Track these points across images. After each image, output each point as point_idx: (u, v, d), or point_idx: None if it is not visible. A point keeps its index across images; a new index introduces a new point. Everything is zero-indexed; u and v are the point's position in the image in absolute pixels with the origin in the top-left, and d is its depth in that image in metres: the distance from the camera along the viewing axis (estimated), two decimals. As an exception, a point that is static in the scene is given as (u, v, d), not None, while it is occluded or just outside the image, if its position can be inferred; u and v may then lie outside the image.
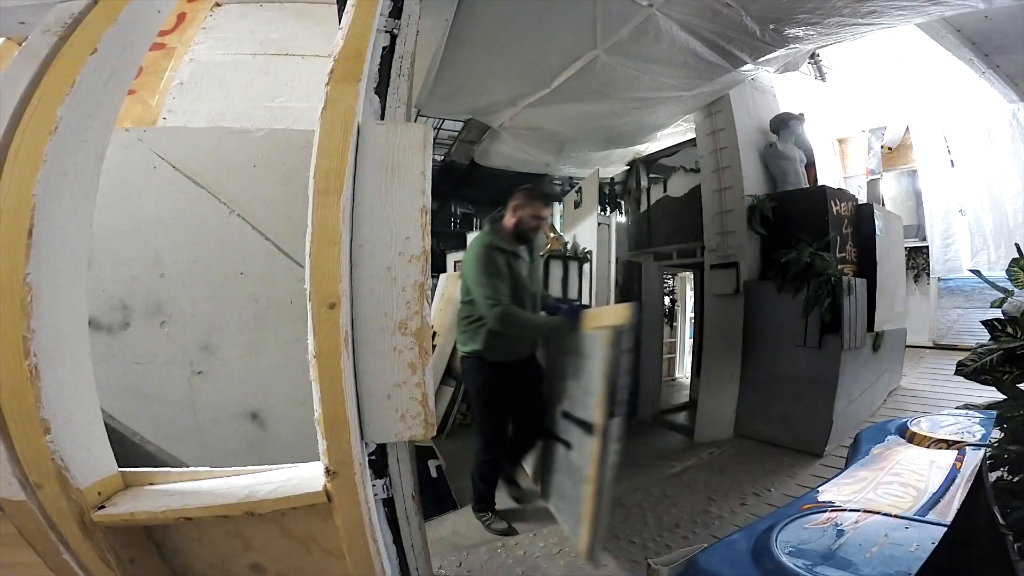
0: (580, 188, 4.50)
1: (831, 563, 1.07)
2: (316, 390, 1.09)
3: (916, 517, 1.24)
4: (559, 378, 2.79)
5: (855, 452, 1.90)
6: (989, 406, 2.19)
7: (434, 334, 5.00)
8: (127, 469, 1.33)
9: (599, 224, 3.95)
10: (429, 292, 1.16)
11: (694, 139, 5.15)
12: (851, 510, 1.30)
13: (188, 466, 1.47)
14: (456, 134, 5.94)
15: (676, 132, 5.69)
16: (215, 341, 1.95)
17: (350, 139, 1.17)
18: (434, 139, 5.68)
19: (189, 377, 1.95)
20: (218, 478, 1.32)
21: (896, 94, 6.41)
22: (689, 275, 6.54)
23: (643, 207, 5.89)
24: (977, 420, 1.93)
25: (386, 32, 1.35)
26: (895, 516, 1.25)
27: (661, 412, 5.60)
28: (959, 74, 5.46)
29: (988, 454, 1.74)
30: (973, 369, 2.21)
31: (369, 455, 1.20)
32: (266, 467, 1.32)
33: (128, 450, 1.78)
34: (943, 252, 5.53)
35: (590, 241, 3.97)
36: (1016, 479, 2.15)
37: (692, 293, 6.50)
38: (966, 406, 2.28)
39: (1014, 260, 2.41)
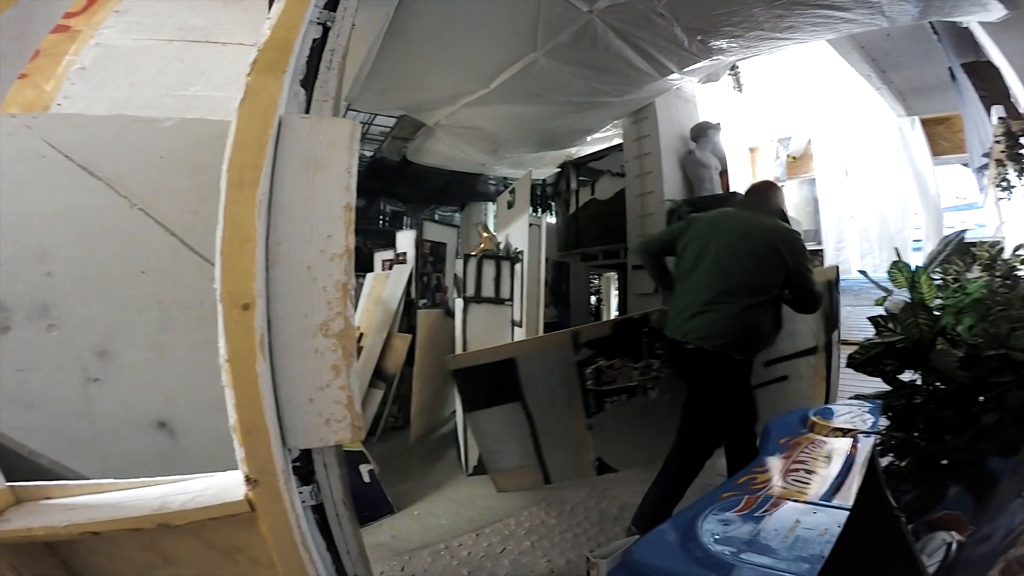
0: (513, 189, 4.54)
1: (754, 549, 1.13)
2: (230, 396, 1.03)
3: (822, 503, 1.33)
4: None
5: (765, 442, 1.99)
6: (876, 396, 2.42)
7: (360, 335, 4.85)
8: (17, 483, 1.23)
9: (531, 225, 4.00)
10: (353, 292, 1.13)
11: (621, 144, 5.35)
12: (765, 496, 1.38)
13: (89, 479, 1.35)
14: (388, 130, 5.79)
15: (605, 137, 5.88)
16: (113, 346, 1.78)
17: (270, 132, 1.11)
18: (364, 134, 5.52)
19: (84, 385, 1.77)
20: (125, 490, 1.24)
21: (802, 106, 6.98)
22: (614, 275, 6.78)
23: (572, 209, 6.03)
24: (867, 409, 2.08)
25: (319, 24, 1.29)
26: (803, 502, 1.33)
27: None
28: (858, 89, 6.05)
29: (877, 441, 1.90)
30: (861, 362, 2.44)
31: (293, 461, 1.15)
32: (179, 477, 1.25)
33: (16, 464, 1.60)
34: (836, 255, 6.07)
35: (522, 241, 4.01)
36: (903, 463, 2.38)
37: (616, 292, 6.75)
38: (857, 396, 2.49)
39: (894, 263, 2.70)
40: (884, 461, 2.39)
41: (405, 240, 5.79)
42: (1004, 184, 3.34)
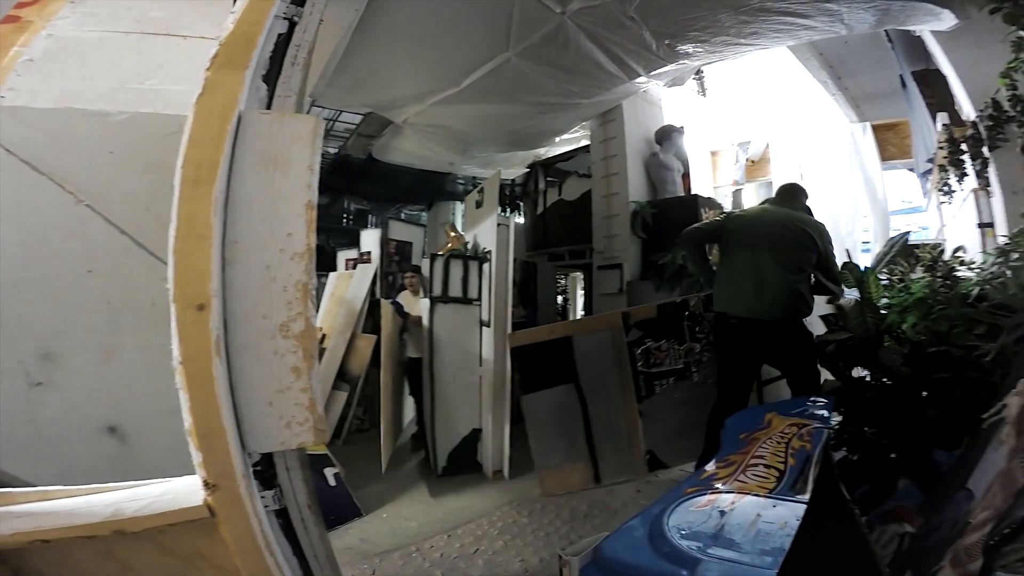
0: (482, 188, 4.53)
1: (719, 543, 1.16)
2: (185, 399, 1.00)
3: (780, 496, 1.38)
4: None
5: (726, 438, 2.06)
6: (829, 392, 2.52)
7: (323, 336, 4.76)
8: (-45, 491, 1.15)
9: (499, 225, 4.00)
10: (314, 292, 1.11)
11: (588, 146, 5.41)
12: (727, 492, 1.42)
13: (34, 487, 1.29)
14: (354, 127, 5.69)
15: (573, 138, 5.94)
16: (58, 348, 1.70)
17: (228, 127, 1.09)
18: (328, 131, 5.40)
19: (27, 389, 1.68)
20: (75, 497, 1.18)
21: (762, 111, 7.21)
22: (580, 275, 6.86)
23: (540, 209, 6.07)
24: (821, 405, 2.15)
25: (285, 19, 1.27)
26: (763, 496, 1.38)
27: (558, 407, 5.80)
28: (814, 95, 6.28)
29: (831, 435, 1.97)
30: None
31: (253, 466, 1.12)
32: (132, 483, 1.20)
33: (-48, 471, 1.51)
34: None
35: (490, 241, 4.01)
36: (856, 457, 2.48)
37: (583, 292, 6.83)
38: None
39: (844, 263, 2.82)
40: (838, 455, 2.48)
41: (370, 239, 5.72)
42: (946, 189, 3.51)
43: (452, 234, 4.47)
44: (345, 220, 7.21)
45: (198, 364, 0.98)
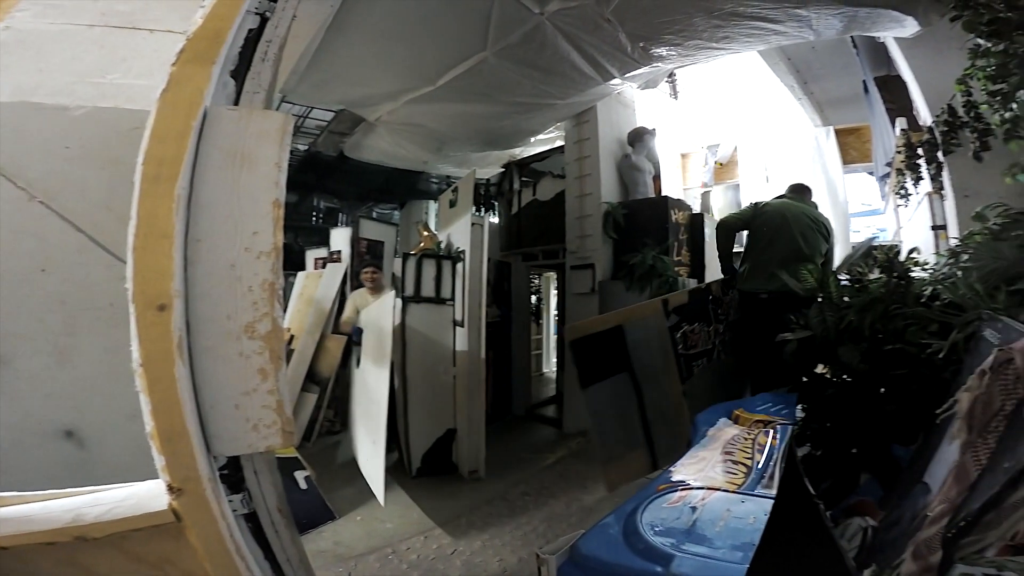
0: (456, 188, 4.52)
1: (692, 539, 1.18)
2: (146, 402, 0.97)
3: (749, 492, 1.40)
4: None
5: (695, 434, 2.07)
6: (792, 389, 2.60)
7: (291, 337, 4.67)
8: (-94, 499, 1.10)
9: (473, 224, 4.00)
10: (281, 292, 1.09)
11: (563, 146, 5.45)
12: (697, 488, 1.44)
13: (-11, 493, 1.24)
14: (325, 124, 5.60)
15: (548, 138, 5.97)
16: (9, 351, 1.63)
17: (192, 124, 1.06)
18: (299, 128, 5.30)
19: (-24, 394, 1.61)
20: (32, 503, 1.14)
21: (731, 115, 7.39)
22: (553, 275, 6.91)
23: (514, 209, 6.08)
24: (784, 401, 2.23)
25: (256, 14, 1.25)
26: (732, 491, 1.40)
27: (532, 406, 5.85)
28: (781, 100, 6.47)
29: (794, 431, 2.02)
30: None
31: (220, 469, 1.11)
32: (93, 488, 1.16)
33: None
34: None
35: (464, 241, 4.00)
36: (819, 453, 2.55)
37: (556, 292, 6.88)
38: (775, 389, 2.65)
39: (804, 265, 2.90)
40: (802, 451, 2.55)
41: (340, 238, 5.61)
42: (902, 192, 3.65)
43: (425, 233, 4.44)
44: (315, 218, 7.06)
45: (159, 366, 0.96)
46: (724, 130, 7.55)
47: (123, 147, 1.73)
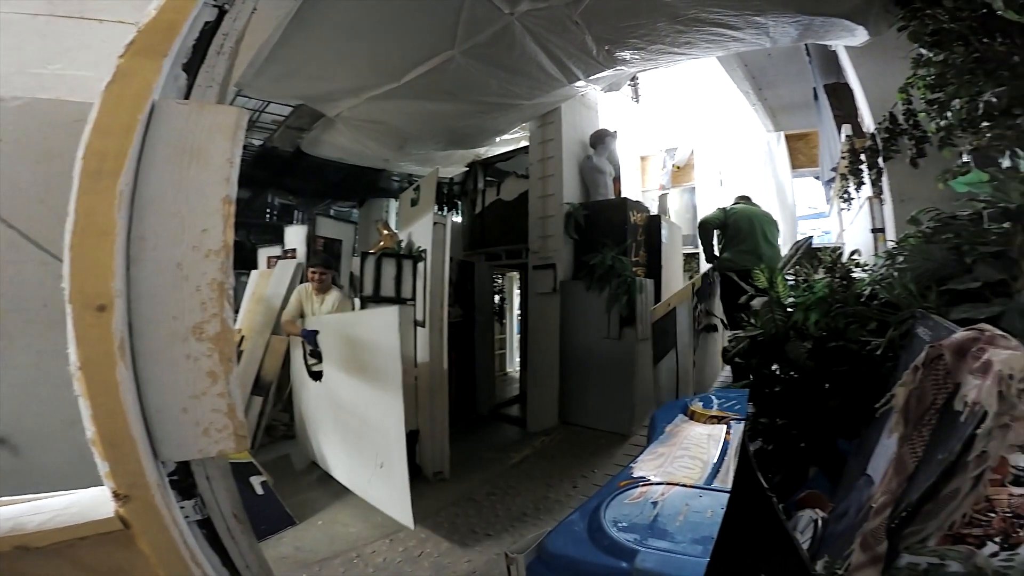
0: (418, 186, 4.47)
1: (654, 534, 1.20)
2: (85, 406, 0.94)
3: (706, 486, 1.44)
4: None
5: (653, 431, 2.12)
6: (743, 385, 2.69)
7: (241, 338, 4.52)
8: None
9: (435, 223, 3.97)
10: (231, 292, 1.06)
11: (527, 147, 5.47)
12: (657, 483, 1.47)
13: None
14: (282, 119, 5.43)
15: (513, 139, 5.98)
16: (-68, 354, 1.53)
17: (139, 117, 1.03)
18: (254, 122, 5.13)
19: None
20: (-33, 513, 1.08)
21: (689, 119, 7.60)
22: (516, 275, 6.94)
23: (478, 209, 6.07)
24: (737, 397, 2.28)
25: (214, 6, 1.21)
26: (690, 486, 1.43)
27: (496, 406, 5.85)
28: (736, 105, 6.70)
29: (747, 427, 2.08)
30: (731, 355, 2.72)
31: (169, 475, 1.08)
32: (31, 496, 1.12)
33: None
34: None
35: (426, 240, 3.96)
36: (771, 447, 2.64)
37: (519, 291, 6.91)
38: (728, 386, 2.75)
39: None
40: (755, 446, 2.65)
41: (295, 236, 5.46)
42: (845, 196, 3.84)
43: (385, 232, 4.36)
44: (268, 216, 6.82)
45: (99, 369, 0.92)
46: (682, 134, 7.76)
47: (62, 140, 1.65)
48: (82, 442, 0.95)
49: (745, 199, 4.73)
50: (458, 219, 6.53)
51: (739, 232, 4.50)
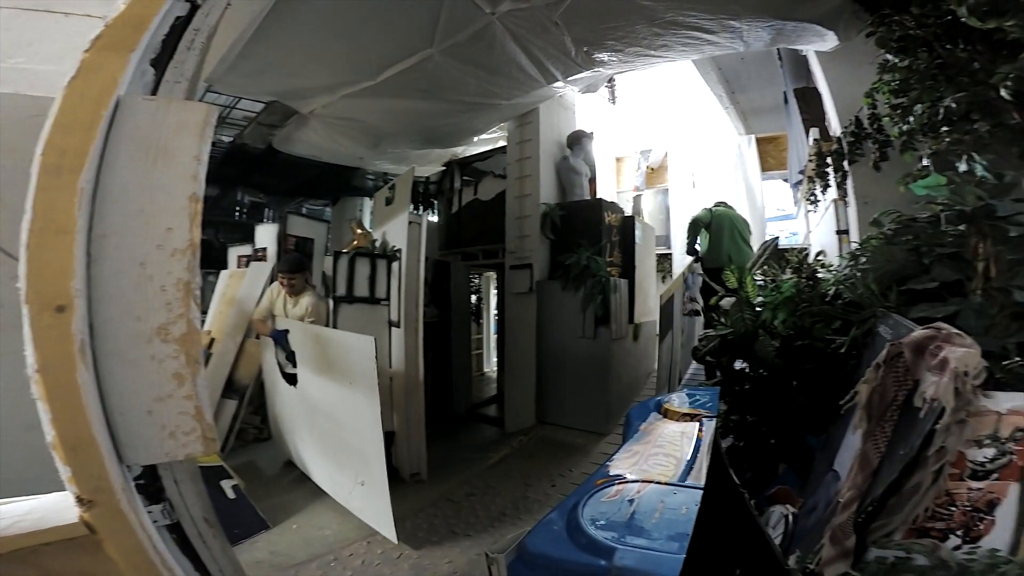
0: (393, 185, 4.43)
1: (631, 532, 1.21)
2: (45, 410, 0.91)
3: (680, 483, 1.45)
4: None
5: (628, 429, 2.11)
6: (715, 382, 2.75)
7: (211, 340, 4.41)
8: None
9: (410, 223, 3.94)
10: (198, 292, 1.04)
11: (505, 147, 5.48)
12: (632, 481, 1.48)
13: None
14: (254, 115, 5.31)
15: (491, 138, 5.98)
16: None
17: (103, 113, 1.01)
18: (224, 119, 5.02)
19: None
20: (-77, 521, 1.04)
21: (663, 121, 7.71)
22: (493, 275, 6.94)
23: (454, 208, 6.05)
24: (710, 395, 2.29)
25: (186, 1, 1.18)
26: (665, 483, 1.45)
27: (474, 406, 5.84)
28: (709, 108, 6.82)
29: (718, 424, 2.12)
30: (703, 353, 2.77)
31: (135, 479, 1.05)
32: None
33: None
34: (683, 258, 6.80)
35: (400, 239, 3.93)
36: (742, 444, 2.70)
37: (496, 291, 6.92)
38: (701, 383, 2.80)
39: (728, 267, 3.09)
40: (727, 442, 2.70)
41: (266, 234, 5.31)
42: (812, 198, 3.93)
43: (359, 231, 4.31)
44: (238, 214, 6.65)
45: (59, 372, 0.90)
46: (656, 136, 7.88)
47: (19, 135, 1.59)
48: (42, 446, 0.93)
49: (723, 203, 5.28)
50: (434, 218, 6.50)
51: (720, 231, 5.00)
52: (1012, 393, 1.64)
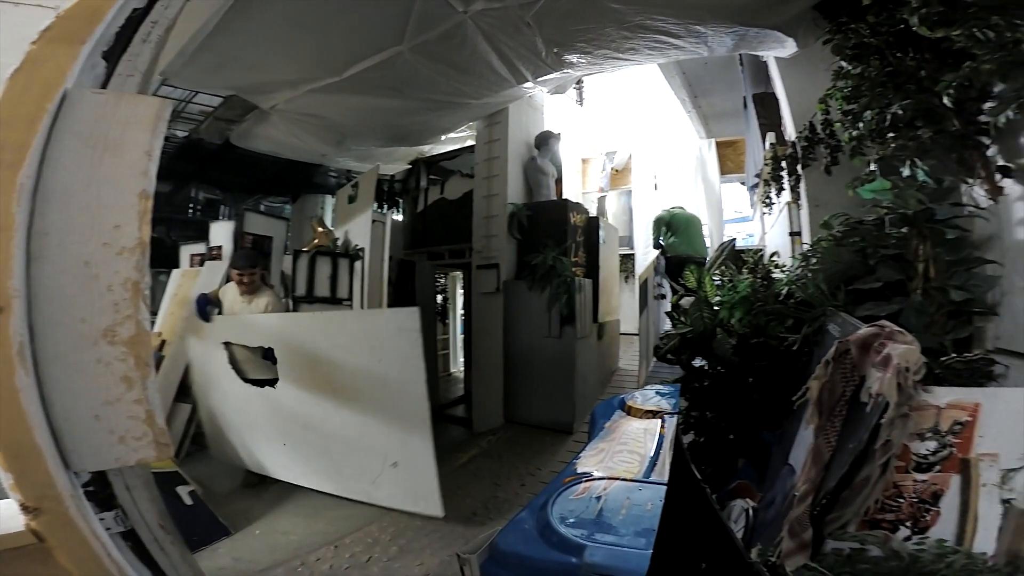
0: (357, 183, 4.35)
1: (600, 529, 1.22)
2: (-19, 417, 0.86)
3: (644, 479, 1.47)
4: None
5: (593, 427, 2.13)
6: (676, 380, 2.81)
7: (162, 342, 4.23)
8: None
9: (374, 221, 3.89)
10: (148, 292, 1.00)
11: (473, 146, 5.47)
12: (599, 478, 1.50)
13: None
14: (211, 110, 5.12)
15: (459, 137, 5.95)
16: None
17: (47, 106, 0.97)
18: (179, 113, 4.84)
19: None
20: None
21: (628, 124, 7.84)
22: (459, 274, 6.91)
23: (420, 207, 6.00)
24: (670, 392, 2.32)
25: None
26: (631, 480, 1.47)
27: (441, 407, 5.80)
28: (673, 111, 6.96)
29: (680, 421, 2.16)
30: (664, 351, 2.84)
31: (84, 485, 1.02)
32: None
33: None
34: (644, 259, 6.96)
35: (364, 238, 3.87)
36: (703, 439, 2.76)
37: (462, 291, 6.89)
38: (662, 381, 2.85)
39: (688, 267, 3.17)
40: (689, 438, 2.76)
41: (221, 232, 5.09)
42: (767, 201, 4.06)
43: (320, 229, 4.21)
44: (192, 210, 6.37)
45: (-4, 376, 0.85)
46: (621, 138, 8.00)
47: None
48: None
49: (680, 207, 6.13)
50: (399, 217, 6.42)
51: (679, 229, 5.82)
52: (950, 388, 1.73)
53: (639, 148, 7.70)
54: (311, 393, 3.35)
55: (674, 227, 5.85)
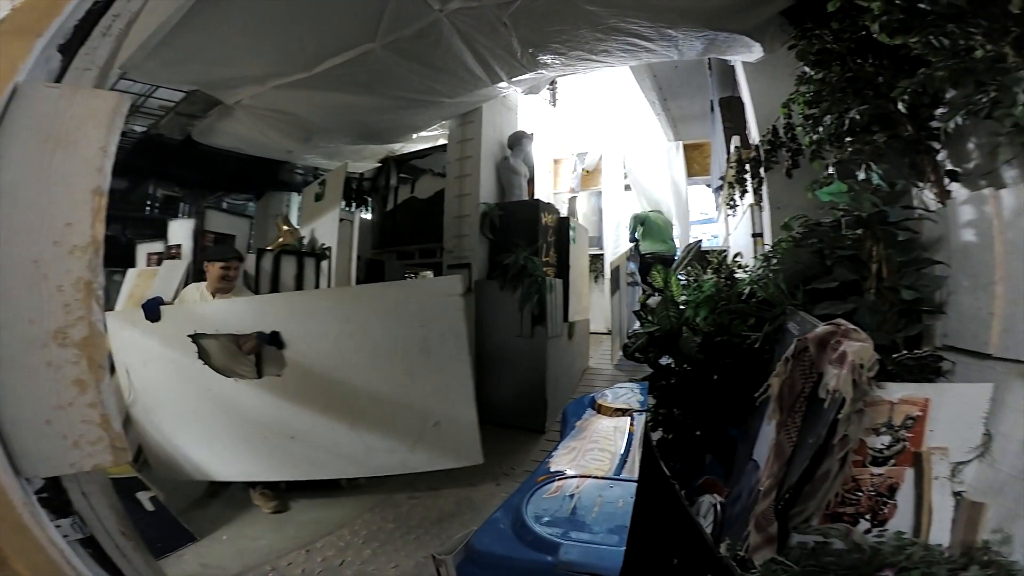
0: (324, 180, 4.28)
1: (574, 527, 1.24)
2: (-80, 423, 0.82)
3: (615, 477, 1.50)
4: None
5: (565, 426, 2.19)
6: (644, 378, 2.85)
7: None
8: None
9: (342, 220, 3.83)
10: (101, 292, 0.97)
11: (445, 145, 5.44)
12: (572, 476, 1.52)
13: None
14: (172, 105, 4.94)
15: (431, 136, 5.91)
16: None
17: (-3, 100, 0.93)
18: (138, 108, 4.66)
19: None
20: None
21: (599, 125, 7.92)
22: (430, 274, 6.86)
23: (389, 206, 5.94)
24: (638, 390, 2.39)
25: None
26: (602, 478, 1.49)
27: (412, 407, 5.74)
28: (642, 114, 7.06)
29: (648, 418, 2.17)
30: (632, 350, 2.88)
31: (37, 492, 0.99)
32: None
33: None
34: (613, 259, 7.05)
35: (331, 237, 3.81)
36: (671, 436, 2.81)
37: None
38: (631, 380, 2.89)
39: (655, 267, 3.23)
40: (657, 435, 2.80)
41: (180, 230, 4.91)
42: (731, 203, 4.16)
43: (285, 227, 4.12)
44: (149, 208, 6.12)
45: (-64, 380, 0.81)
46: (592, 139, 8.08)
47: None
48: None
49: (659, 212, 7.08)
50: (368, 216, 6.34)
51: (651, 228, 6.68)
52: (902, 383, 1.82)
53: (609, 149, 7.79)
54: (334, 376, 3.00)
55: (648, 226, 6.71)
